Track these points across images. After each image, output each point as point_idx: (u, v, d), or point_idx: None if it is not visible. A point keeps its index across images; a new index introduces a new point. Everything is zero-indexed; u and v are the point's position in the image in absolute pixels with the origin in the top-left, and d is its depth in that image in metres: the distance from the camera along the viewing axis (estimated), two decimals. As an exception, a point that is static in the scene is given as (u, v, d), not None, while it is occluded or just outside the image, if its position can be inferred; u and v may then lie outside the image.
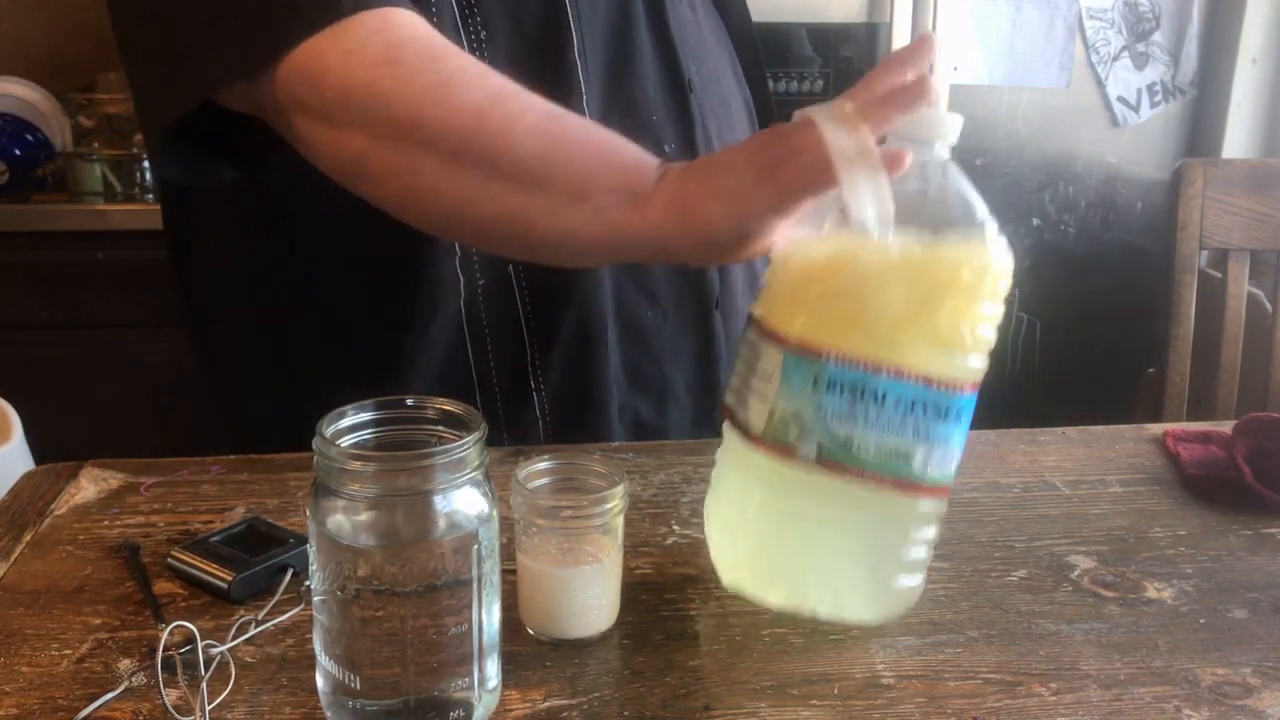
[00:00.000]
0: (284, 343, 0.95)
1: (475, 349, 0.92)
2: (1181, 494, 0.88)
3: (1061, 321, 2.33)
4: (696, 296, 0.99)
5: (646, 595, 0.72)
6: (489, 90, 0.71)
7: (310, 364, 0.94)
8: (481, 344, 0.92)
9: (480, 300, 0.91)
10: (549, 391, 0.94)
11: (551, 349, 0.93)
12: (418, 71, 0.70)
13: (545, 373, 0.94)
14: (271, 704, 0.60)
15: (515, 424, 0.95)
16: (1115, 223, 2.38)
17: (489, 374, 0.93)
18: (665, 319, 0.97)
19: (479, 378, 0.93)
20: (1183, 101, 2.37)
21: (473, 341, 0.92)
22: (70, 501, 0.83)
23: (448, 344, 0.92)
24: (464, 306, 0.91)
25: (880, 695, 0.62)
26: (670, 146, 0.95)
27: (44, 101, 2.30)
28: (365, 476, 0.54)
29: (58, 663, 0.64)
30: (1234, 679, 0.64)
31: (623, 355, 0.96)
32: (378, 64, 0.70)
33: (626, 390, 0.97)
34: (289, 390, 0.95)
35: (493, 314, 0.92)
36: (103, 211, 2.11)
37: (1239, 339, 1.48)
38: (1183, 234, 1.47)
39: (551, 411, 0.95)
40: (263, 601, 0.69)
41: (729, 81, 1.05)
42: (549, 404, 0.95)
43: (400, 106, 0.69)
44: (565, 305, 0.92)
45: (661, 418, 1.00)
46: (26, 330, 2.12)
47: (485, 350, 0.92)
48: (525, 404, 0.95)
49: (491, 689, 0.60)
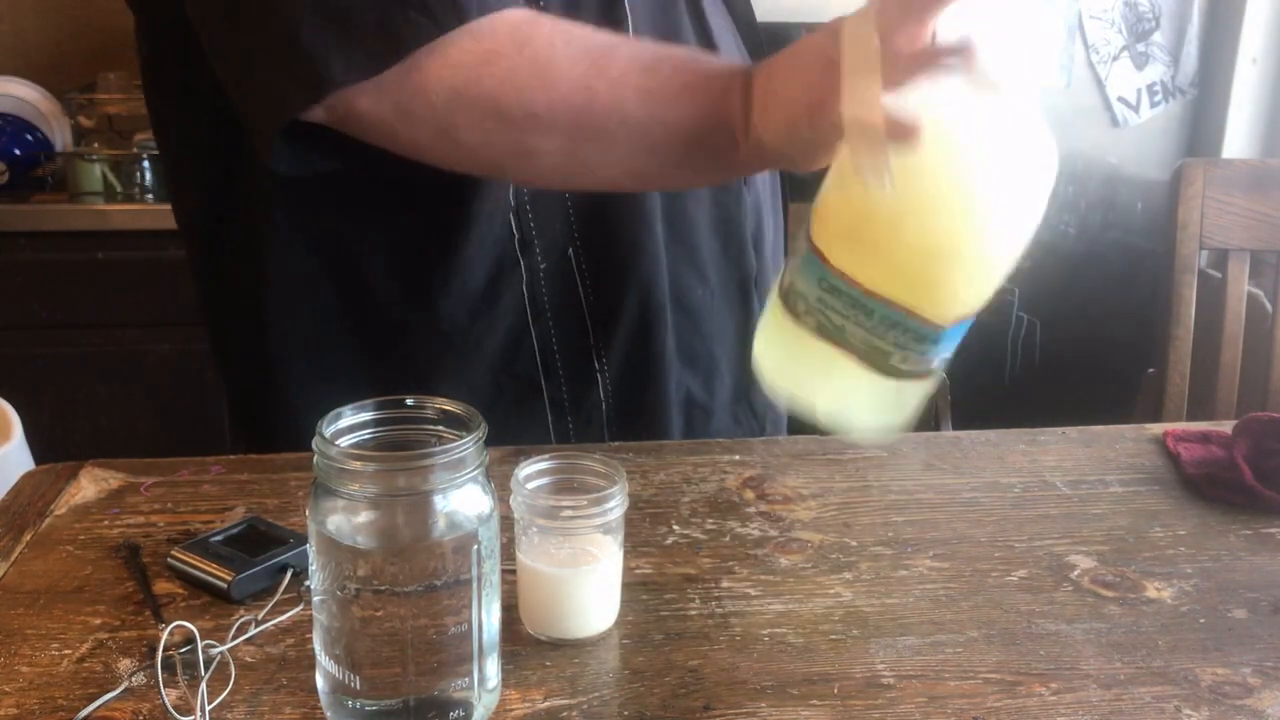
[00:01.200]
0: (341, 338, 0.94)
1: (539, 333, 0.93)
2: (1181, 494, 0.88)
3: (1061, 321, 2.33)
4: (739, 275, 1.01)
5: (646, 595, 0.72)
6: (587, 60, 0.74)
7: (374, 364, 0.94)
8: (545, 328, 0.93)
9: (542, 284, 0.92)
10: (612, 373, 0.95)
11: (614, 330, 0.94)
12: (516, 63, 0.73)
13: (608, 354, 0.95)
14: (271, 704, 0.60)
15: (581, 406, 0.96)
16: (1115, 223, 2.38)
17: (553, 358, 0.94)
18: (713, 297, 0.99)
19: (543, 362, 0.94)
20: (1183, 101, 2.37)
21: (536, 325, 0.93)
22: (70, 501, 0.83)
23: (511, 329, 0.92)
24: (526, 291, 0.92)
25: (880, 695, 0.62)
26: None
27: (44, 101, 2.30)
28: (365, 476, 0.54)
29: (58, 663, 0.64)
30: (1234, 679, 0.64)
31: (677, 335, 0.98)
32: (477, 64, 0.73)
33: (680, 369, 0.98)
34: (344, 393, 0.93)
35: (555, 298, 0.93)
36: (103, 211, 2.11)
37: (1239, 339, 1.48)
38: (1183, 234, 1.47)
39: (615, 393, 0.96)
40: (263, 601, 0.69)
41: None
42: (612, 386, 0.96)
43: (510, 102, 0.73)
44: (625, 286, 0.93)
45: (709, 395, 1.01)
46: (26, 330, 2.12)
47: (549, 334, 0.93)
48: (589, 386, 0.95)
49: (491, 689, 0.60)
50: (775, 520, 0.82)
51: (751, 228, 1.02)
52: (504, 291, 0.91)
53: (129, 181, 2.17)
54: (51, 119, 2.29)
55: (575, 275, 0.93)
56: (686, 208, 0.96)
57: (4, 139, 2.17)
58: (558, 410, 0.95)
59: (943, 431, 1.69)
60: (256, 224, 0.92)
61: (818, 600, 0.72)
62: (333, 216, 0.91)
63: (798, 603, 0.71)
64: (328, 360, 0.94)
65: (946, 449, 0.95)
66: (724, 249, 1.00)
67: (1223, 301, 1.48)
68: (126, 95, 2.26)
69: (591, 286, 0.93)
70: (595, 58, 0.74)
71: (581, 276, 0.93)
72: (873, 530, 0.81)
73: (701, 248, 0.98)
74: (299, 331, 0.94)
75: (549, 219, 0.91)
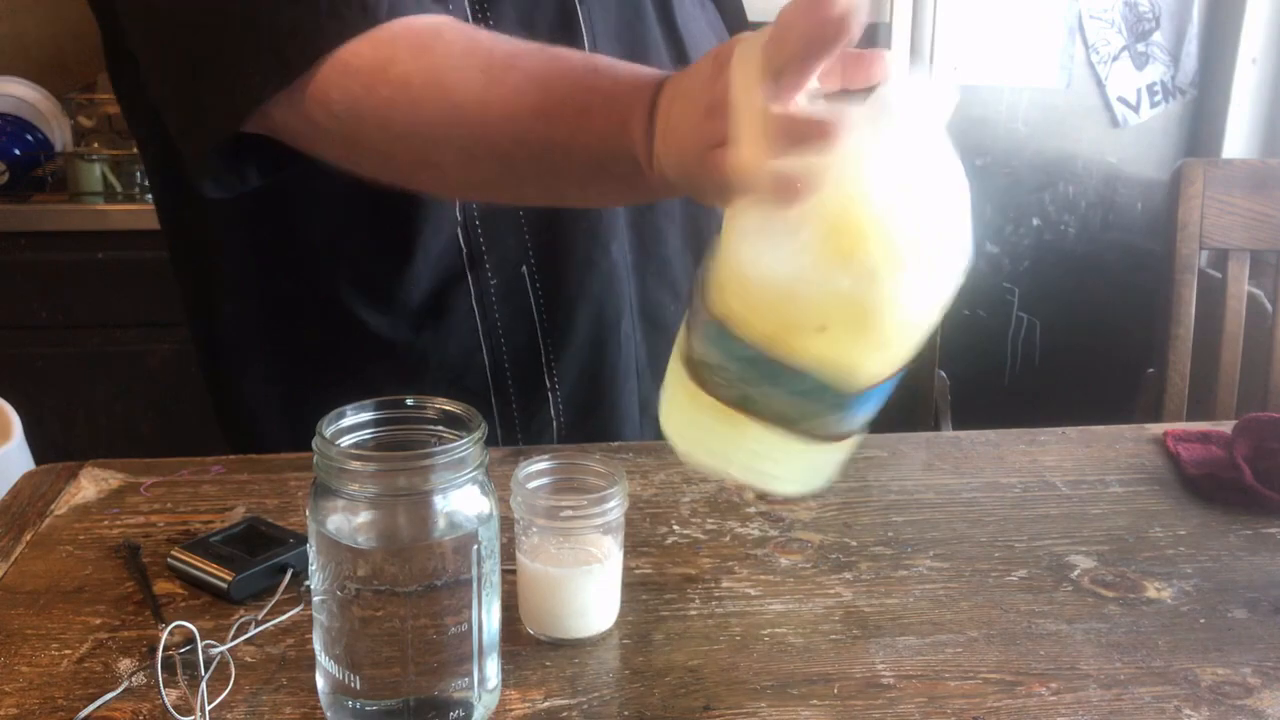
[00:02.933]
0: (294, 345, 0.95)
1: (490, 348, 0.93)
2: (1181, 494, 0.88)
3: (1061, 321, 2.33)
4: None
5: (646, 595, 0.72)
6: (484, 72, 0.68)
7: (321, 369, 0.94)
8: (496, 344, 0.92)
9: (493, 300, 0.91)
10: (564, 390, 0.95)
11: (565, 348, 0.93)
12: (410, 71, 0.69)
13: (560, 371, 0.94)
14: (271, 704, 0.60)
15: (531, 423, 0.95)
16: (1115, 223, 2.38)
17: (504, 375, 0.93)
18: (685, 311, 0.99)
19: (494, 379, 0.93)
20: (1183, 101, 2.37)
21: (486, 341, 0.92)
22: (70, 501, 0.83)
23: (462, 345, 0.92)
24: (476, 306, 0.91)
25: (880, 695, 0.62)
26: None
27: (44, 101, 2.29)
28: (365, 476, 0.54)
29: (58, 663, 0.64)
30: (1234, 679, 0.64)
31: (648, 349, 0.97)
32: (373, 71, 0.69)
33: (650, 384, 0.98)
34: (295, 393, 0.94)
35: (506, 314, 0.92)
36: (103, 211, 2.11)
37: (1239, 339, 1.48)
38: (1183, 234, 1.47)
39: (566, 412, 0.95)
40: (263, 601, 0.69)
41: None
42: (563, 403, 0.95)
43: (403, 113, 0.69)
44: (579, 304, 0.92)
45: None
46: (26, 330, 2.12)
47: (500, 350, 0.93)
48: (540, 404, 0.95)
49: (491, 689, 0.60)
50: (775, 520, 0.82)
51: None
52: (452, 306, 0.90)
53: (129, 181, 2.17)
54: (51, 119, 2.28)
55: (528, 293, 0.92)
56: (657, 222, 0.96)
57: (4, 139, 2.17)
58: (508, 426, 0.94)
59: (943, 431, 1.69)
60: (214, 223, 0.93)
61: (818, 600, 0.72)
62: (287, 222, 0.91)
63: (798, 603, 0.71)
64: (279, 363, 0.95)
65: (946, 449, 0.95)
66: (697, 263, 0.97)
67: (1223, 301, 1.48)
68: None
69: (545, 304, 0.92)
70: (493, 70, 0.68)
71: (535, 294, 0.92)
72: (873, 530, 0.81)
73: (673, 262, 0.97)
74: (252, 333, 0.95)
75: (500, 235, 0.90)
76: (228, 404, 1.01)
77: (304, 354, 0.94)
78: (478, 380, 0.93)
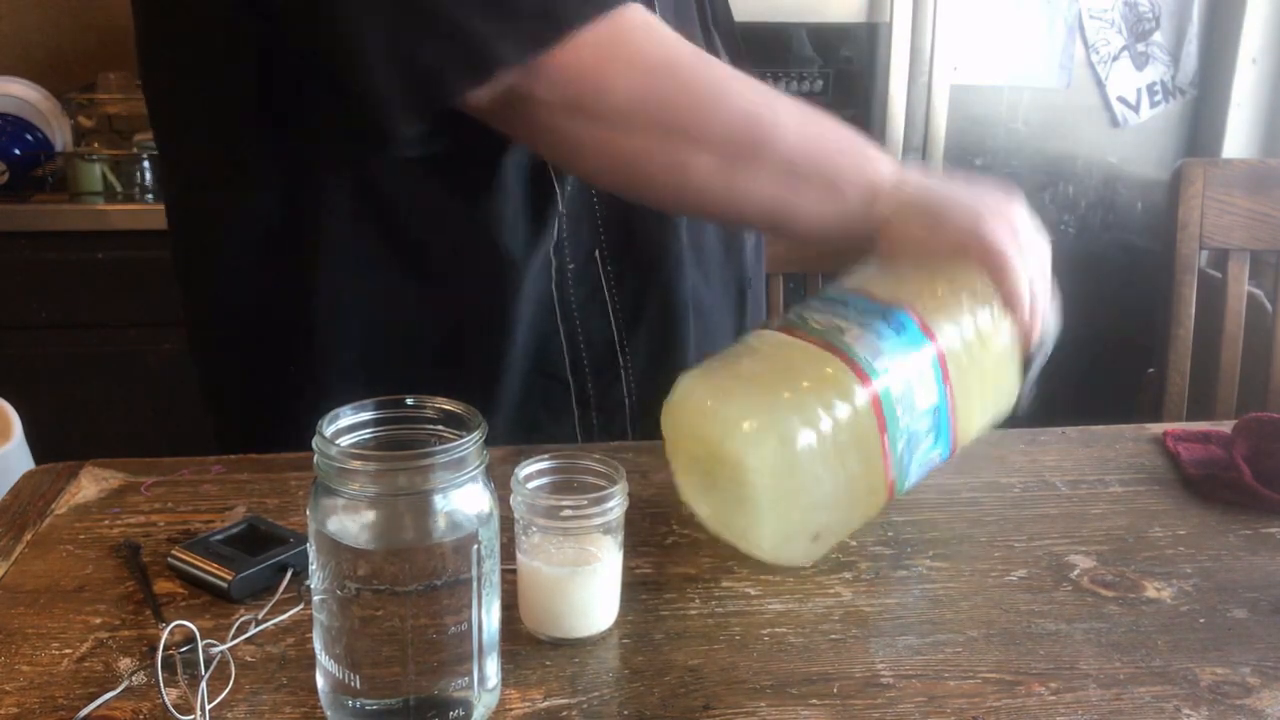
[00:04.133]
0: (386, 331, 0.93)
1: (567, 331, 0.95)
2: (1181, 494, 0.88)
3: (1062, 321, 2.33)
4: (737, 277, 1.04)
5: (646, 595, 0.72)
6: (756, 93, 0.79)
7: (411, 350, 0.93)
8: (572, 326, 0.94)
9: (570, 281, 0.93)
10: (636, 370, 0.97)
11: (637, 329, 0.96)
12: (694, 77, 0.77)
13: (633, 351, 0.97)
14: (271, 703, 0.60)
15: (605, 402, 0.97)
16: (1115, 223, 2.38)
17: (580, 353, 0.95)
18: (717, 298, 1.02)
19: (570, 358, 0.95)
20: (1183, 101, 2.37)
21: (565, 324, 0.94)
22: (70, 501, 0.83)
23: (541, 325, 0.93)
24: (554, 288, 0.93)
25: (880, 695, 0.62)
26: None
27: (44, 101, 2.29)
28: (365, 476, 0.54)
29: (58, 662, 0.64)
30: (1233, 679, 0.64)
31: (695, 335, 0.99)
32: (656, 69, 0.75)
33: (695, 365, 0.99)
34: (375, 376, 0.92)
35: (581, 294, 0.94)
36: (103, 211, 2.11)
37: (1239, 339, 1.48)
38: (1183, 234, 1.47)
39: (639, 390, 0.98)
40: (263, 601, 0.69)
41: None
42: (635, 383, 0.98)
43: (685, 112, 0.76)
44: (648, 285, 0.96)
45: None
46: (26, 330, 2.12)
47: (575, 329, 0.95)
48: (614, 383, 0.97)
49: (491, 688, 0.60)
50: (775, 520, 0.82)
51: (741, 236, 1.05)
52: (534, 287, 0.92)
53: (129, 181, 2.17)
54: (51, 119, 2.28)
55: (600, 276, 0.95)
56: None
57: (4, 139, 2.17)
58: (584, 407, 0.97)
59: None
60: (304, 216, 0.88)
61: (818, 600, 0.72)
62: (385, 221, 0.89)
63: (797, 602, 0.71)
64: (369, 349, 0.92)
65: (946, 449, 0.95)
66: (726, 254, 1.03)
67: (1223, 301, 1.48)
68: (126, 95, 2.26)
69: (615, 284, 0.95)
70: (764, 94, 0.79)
71: (606, 277, 0.95)
72: (873, 530, 0.81)
73: (709, 250, 1.00)
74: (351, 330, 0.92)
75: (577, 221, 0.93)
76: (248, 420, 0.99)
77: (395, 339, 0.92)
78: (556, 359, 0.95)
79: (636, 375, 0.98)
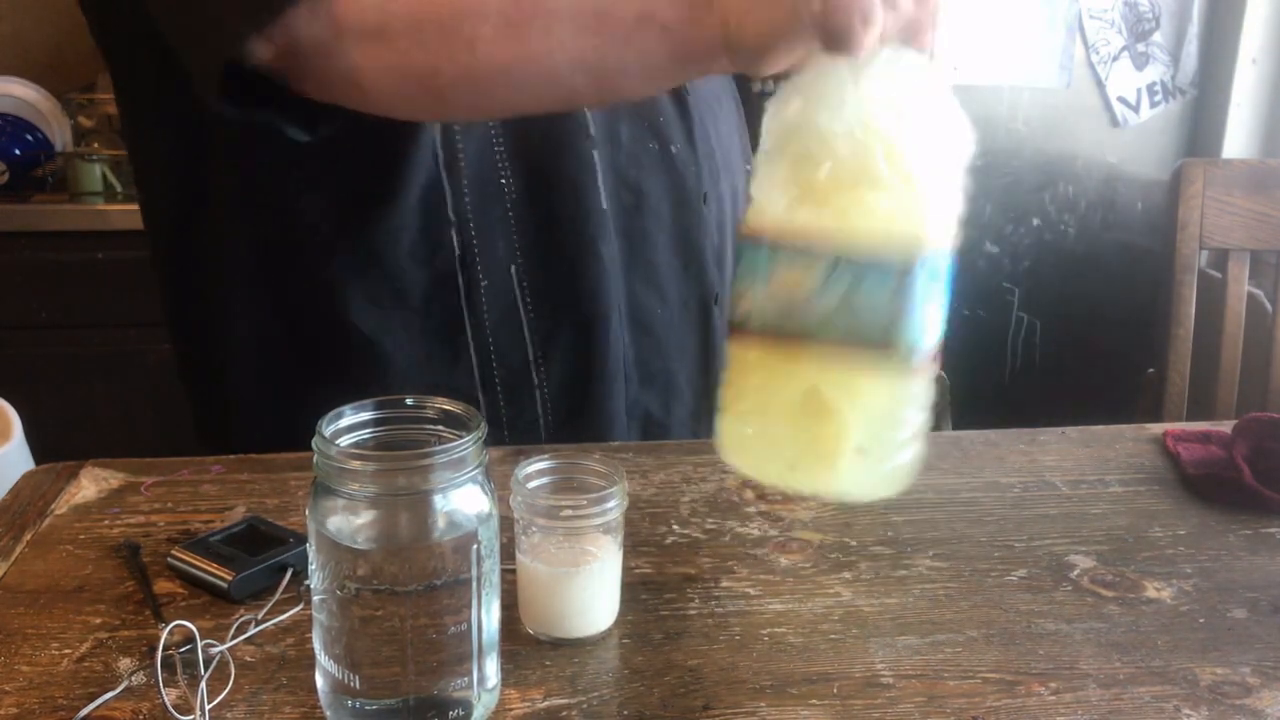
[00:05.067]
0: (284, 343, 0.95)
1: (478, 348, 0.93)
2: (1181, 494, 0.88)
3: (1061, 321, 2.33)
4: (700, 293, 1.00)
5: (646, 595, 0.72)
6: None
7: (306, 368, 0.94)
8: (484, 343, 0.93)
9: (482, 298, 0.92)
10: (551, 391, 0.95)
11: (553, 348, 0.94)
12: None
13: (548, 372, 0.94)
14: (271, 703, 0.60)
15: (518, 421, 0.95)
16: (1115, 223, 2.38)
17: (491, 374, 0.94)
18: (672, 315, 0.99)
19: (481, 377, 0.94)
20: (1183, 101, 2.37)
21: (475, 340, 0.93)
22: (70, 501, 0.83)
23: (450, 344, 0.92)
24: (464, 304, 0.91)
25: (880, 695, 0.62)
26: (676, 146, 0.96)
27: (44, 101, 2.30)
28: (365, 476, 0.54)
29: (58, 662, 0.64)
30: (1233, 678, 0.64)
31: (636, 352, 0.97)
32: None
33: (637, 387, 0.98)
34: (284, 390, 0.94)
35: (495, 313, 0.92)
36: (103, 211, 2.11)
37: (1239, 339, 1.48)
38: (1183, 234, 1.47)
39: (554, 411, 0.96)
40: (263, 601, 0.69)
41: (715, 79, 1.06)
42: (550, 404, 0.95)
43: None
44: (565, 305, 0.93)
45: (666, 413, 1.01)
46: (26, 330, 2.12)
47: (488, 349, 0.93)
48: (527, 404, 0.95)
49: (491, 688, 0.60)
50: (775, 520, 0.82)
51: (715, 245, 1.01)
52: (443, 305, 0.91)
53: (129, 181, 2.17)
54: (51, 119, 2.29)
55: (515, 292, 0.93)
56: (645, 225, 0.96)
57: (4, 139, 2.17)
58: (495, 424, 0.95)
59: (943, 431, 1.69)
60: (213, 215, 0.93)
61: (817, 600, 0.72)
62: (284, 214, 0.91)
63: (797, 602, 0.71)
64: (270, 361, 0.95)
65: (946, 449, 0.95)
66: (684, 267, 0.99)
67: (1223, 301, 1.48)
68: (126, 95, 2.26)
69: (532, 304, 0.93)
70: None
71: (522, 294, 0.93)
72: (872, 530, 0.81)
73: (660, 265, 0.98)
74: (247, 332, 0.95)
75: (491, 235, 0.91)
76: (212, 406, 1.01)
77: (293, 352, 0.94)
78: (465, 378, 0.93)
79: (552, 395, 0.96)
